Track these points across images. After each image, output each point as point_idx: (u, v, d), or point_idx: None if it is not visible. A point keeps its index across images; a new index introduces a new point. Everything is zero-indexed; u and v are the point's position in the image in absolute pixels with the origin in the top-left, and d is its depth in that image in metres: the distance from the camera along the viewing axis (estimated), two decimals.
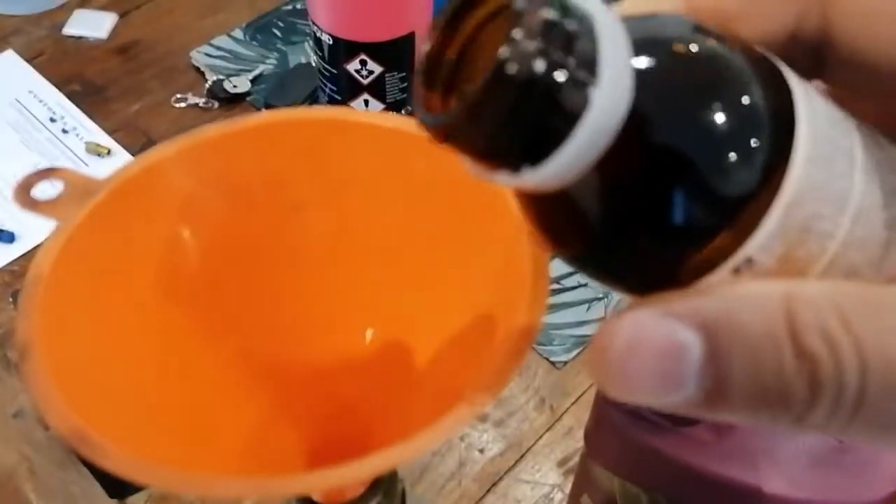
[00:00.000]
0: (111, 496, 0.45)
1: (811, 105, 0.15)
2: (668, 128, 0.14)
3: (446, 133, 0.14)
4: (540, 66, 0.13)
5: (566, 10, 0.13)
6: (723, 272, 0.15)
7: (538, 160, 0.14)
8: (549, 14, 0.13)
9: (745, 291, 0.14)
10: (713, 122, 0.14)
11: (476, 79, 0.13)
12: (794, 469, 0.30)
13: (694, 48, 0.15)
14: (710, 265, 0.15)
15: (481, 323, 0.20)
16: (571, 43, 0.13)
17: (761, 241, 0.14)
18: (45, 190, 0.19)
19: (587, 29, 0.13)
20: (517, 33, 0.13)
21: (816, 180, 0.14)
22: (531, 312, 0.17)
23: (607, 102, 0.13)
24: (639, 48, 0.14)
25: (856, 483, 0.30)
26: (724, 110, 0.14)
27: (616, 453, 0.35)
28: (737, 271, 0.15)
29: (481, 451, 0.48)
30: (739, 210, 0.14)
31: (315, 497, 0.21)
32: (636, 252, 0.15)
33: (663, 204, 0.14)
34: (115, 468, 0.14)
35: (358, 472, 0.14)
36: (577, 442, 0.47)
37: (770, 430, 0.31)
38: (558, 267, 0.55)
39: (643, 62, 0.14)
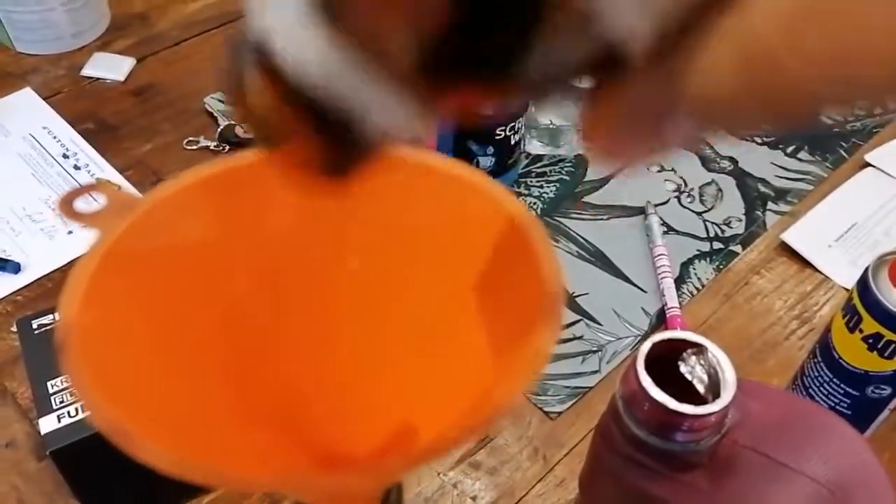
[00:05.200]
0: None
1: None
2: None
3: None
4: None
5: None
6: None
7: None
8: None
9: (700, 59, 0.14)
10: None
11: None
12: None
13: None
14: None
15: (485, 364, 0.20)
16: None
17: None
18: (87, 203, 0.21)
19: None
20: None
21: None
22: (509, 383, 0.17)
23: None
24: None
25: None
26: None
27: (611, 499, 0.36)
28: None
29: (474, 498, 0.48)
30: None
31: None
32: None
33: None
34: (146, 457, 0.15)
35: (397, 469, 0.15)
36: (570, 493, 0.47)
37: (765, 479, 0.32)
38: None
39: None
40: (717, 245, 0.62)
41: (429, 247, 0.20)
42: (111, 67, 0.72)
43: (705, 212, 0.64)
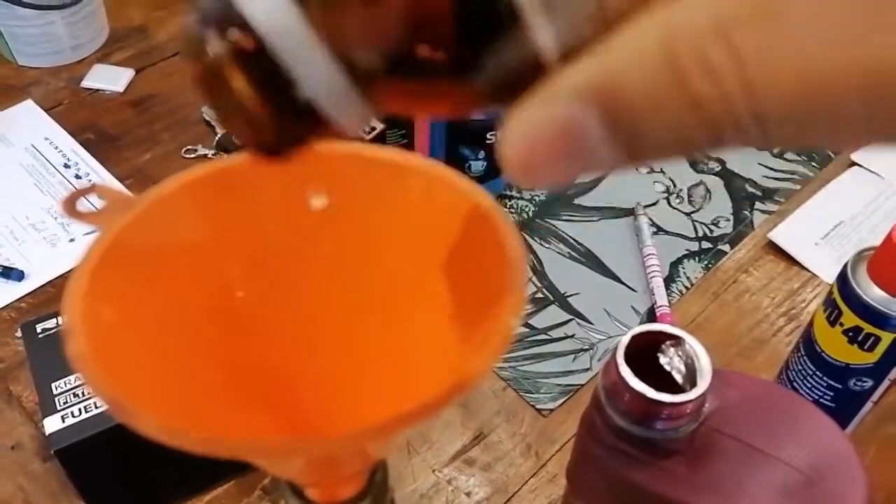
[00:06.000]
0: None
1: None
2: None
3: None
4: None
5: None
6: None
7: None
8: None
9: (621, 47, 0.13)
10: None
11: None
12: (764, 501, 0.32)
13: None
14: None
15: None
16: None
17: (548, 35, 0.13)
18: (88, 204, 0.22)
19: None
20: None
21: None
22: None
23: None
24: None
25: None
26: None
27: (597, 487, 0.37)
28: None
29: (468, 494, 0.49)
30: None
31: (311, 496, 0.23)
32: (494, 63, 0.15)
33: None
34: (147, 430, 0.16)
35: (388, 429, 0.16)
36: (562, 488, 0.49)
37: (742, 464, 0.33)
38: (546, 319, 0.58)
39: None
40: (705, 244, 0.63)
41: (402, 238, 0.21)
42: (110, 79, 0.74)
43: (694, 212, 0.66)
